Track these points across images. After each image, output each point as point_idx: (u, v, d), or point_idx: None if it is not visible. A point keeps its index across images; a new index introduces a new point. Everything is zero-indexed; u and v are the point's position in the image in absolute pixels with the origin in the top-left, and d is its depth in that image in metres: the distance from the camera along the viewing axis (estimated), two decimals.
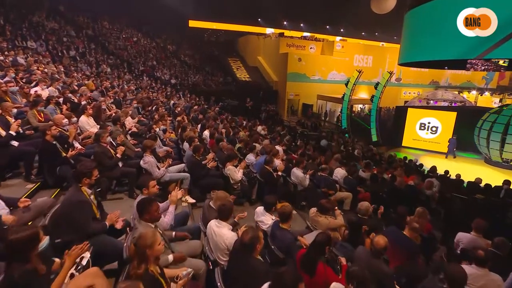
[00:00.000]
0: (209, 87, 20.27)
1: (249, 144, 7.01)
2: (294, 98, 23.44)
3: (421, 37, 12.71)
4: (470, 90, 28.45)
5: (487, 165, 14.63)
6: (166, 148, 5.78)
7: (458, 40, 11.19)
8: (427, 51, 12.22)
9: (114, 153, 4.55)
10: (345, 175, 6.72)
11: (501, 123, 13.58)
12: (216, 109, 13.36)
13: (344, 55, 24.65)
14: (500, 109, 14.17)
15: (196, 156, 5.01)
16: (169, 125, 8.34)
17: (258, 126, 11.60)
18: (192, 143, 5.44)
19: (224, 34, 35.46)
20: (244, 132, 9.34)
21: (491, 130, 13.85)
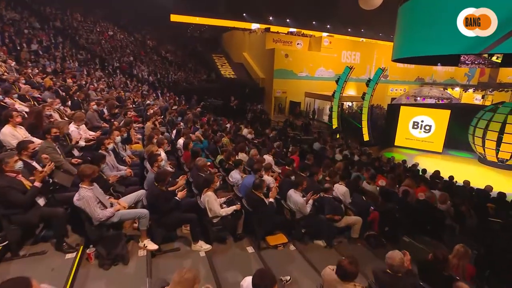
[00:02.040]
0: (192, 84, 18.56)
1: (233, 156, 5.54)
2: (281, 95, 22.06)
3: (418, 32, 11.56)
4: (453, 86, 28.02)
5: (481, 164, 13.80)
6: (122, 172, 4.19)
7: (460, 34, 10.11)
8: (427, 46, 11.07)
9: None
10: (347, 192, 5.38)
11: (497, 122, 12.71)
12: (198, 110, 11.77)
13: (331, 51, 23.42)
14: (496, 107, 13.29)
15: (160, 186, 3.49)
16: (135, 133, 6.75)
17: (244, 129, 10.13)
18: (154, 164, 3.92)
19: (208, 29, 33.59)
20: (227, 138, 7.85)
21: (486, 128, 12.96)
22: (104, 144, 4.06)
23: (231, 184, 4.96)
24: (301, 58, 22.83)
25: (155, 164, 3.93)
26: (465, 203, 6.83)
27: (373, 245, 5.06)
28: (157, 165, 3.94)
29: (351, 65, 15.98)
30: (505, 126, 12.51)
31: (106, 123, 6.81)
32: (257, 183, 4.11)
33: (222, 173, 5.44)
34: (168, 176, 3.56)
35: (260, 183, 4.11)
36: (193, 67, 22.70)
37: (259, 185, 4.09)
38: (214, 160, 6.15)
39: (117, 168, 4.27)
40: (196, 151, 5.24)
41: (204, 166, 4.43)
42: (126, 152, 5.22)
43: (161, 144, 4.98)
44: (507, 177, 12.27)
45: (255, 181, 4.15)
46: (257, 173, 4.80)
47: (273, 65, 21.68)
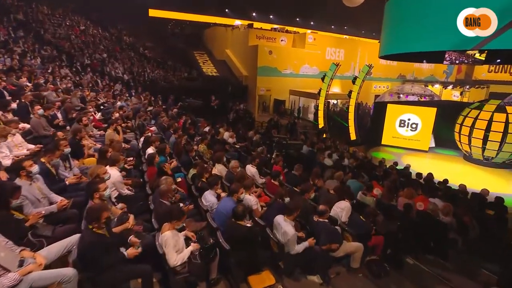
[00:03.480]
0: (171, 83, 17.20)
1: (208, 172, 4.49)
2: (265, 93, 21.05)
3: (408, 27, 10.84)
4: (433, 83, 28.00)
5: (467, 162, 13.45)
6: (50, 207, 3.01)
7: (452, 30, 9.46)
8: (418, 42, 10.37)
9: None
10: (348, 208, 4.48)
11: (483, 120, 12.30)
12: (174, 111, 10.59)
13: (316, 48, 22.59)
14: (481, 104, 12.89)
15: (95, 228, 2.41)
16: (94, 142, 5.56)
17: (225, 132, 9.06)
18: (93, 195, 2.82)
19: (190, 25, 31.99)
20: (204, 144, 6.77)
21: (473, 127, 12.54)
22: (23, 168, 2.89)
23: (205, 209, 3.93)
24: (285, 55, 21.87)
25: (95, 196, 2.82)
26: (468, 213, 6.13)
27: (376, 274, 4.20)
28: (97, 196, 2.84)
29: (336, 62, 15.19)
30: (491, 124, 12.13)
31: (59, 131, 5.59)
32: (239, 212, 3.10)
33: (195, 192, 4.39)
34: (103, 213, 2.45)
35: (242, 212, 3.11)
36: (173, 65, 21.25)
37: (241, 214, 3.09)
38: (187, 175, 5.09)
39: (48, 199, 3.13)
40: (162, 167, 4.16)
41: (168, 191, 3.35)
42: (72, 170, 4.07)
43: (116, 161, 3.87)
44: (493, 175, 11.93)
45: (238, 209, 3.14)
46: (233, 195, 3.79)
47: (256, 62, 20.61)
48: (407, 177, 8.33)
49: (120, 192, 3.84)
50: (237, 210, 3.16)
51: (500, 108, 12.25)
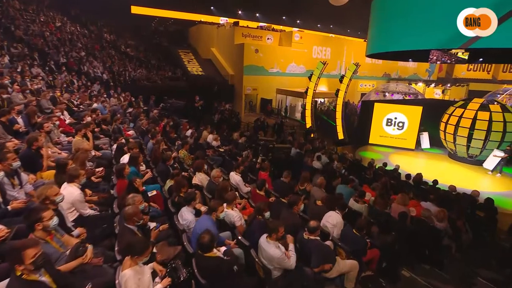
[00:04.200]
0: (154, 83, 16.42)
1: (185, 186, 3.95)
2: (252, 92, 20.54)
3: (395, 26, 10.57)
4: (416, 82, 28.28)
5: (451, 160, 13.41)
6: None
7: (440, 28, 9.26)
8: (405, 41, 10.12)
9: None
10: (341, 223, 4.07)
11: (468, 118, 12.26)
12: (156, 112, 9.93)
13: (302, 46, 22.24)
14: (466, 103, 12.85)
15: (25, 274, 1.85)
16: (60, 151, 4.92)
17: (208, 134, 8.51)
18: (34, 227, 2.24)
19: (174, 23, 31.01)
20: (185, 150, 6.21)
21: (458, 125, 12.49)
22: None
23: (181, 228, 3.41)
24: (272, 53, 21.41)
25: (36, 227, 2.25)
26: (462, 218, 5.87)
27: None
28: (40, 227, 2.26)
29: (324, 61, 14.85)
30: (475, 122, 12.10)
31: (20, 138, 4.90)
32: (205, 243, 2.58)
33: (172, 208, 3.85)
34: (27, 251, 1.84)
35: (210, 242, 2.60)
36: (156, 64, 20.39)
37: (209, 245, 2.58)
38: (163, 187, 4.54)
39: None
40: (132, 182, 3.60)
41: (134, 214, 2.80)
42: (24, 187, 3.44)
43: (74, 176, 3.28)
44: (476, 173, 11.88)
45: (202, 241, 2.61)
46: (212, 213, 3.28)
47: (242, 61, 20.06)
48: (397, 179, 8.05)
49: (81, 213, 3.26)
50: (202, 241, 2.61)
51: (483, 106, 12.25)
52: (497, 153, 10.07)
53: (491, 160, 10.31)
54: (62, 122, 6.18)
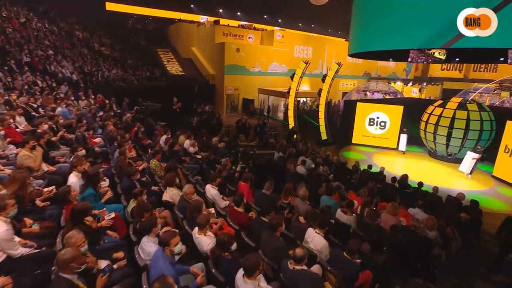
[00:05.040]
0: (130, 83, 15.40)
1: (148, 211, 3.30)
2: (234, 92, 19.88)
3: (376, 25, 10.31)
4: (395, 81, 28.70)
5: (432, 158, 13.43)
6: None
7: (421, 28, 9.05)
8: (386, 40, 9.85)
9: None
10: (326, 247, 3.56)
11: (447, 117, 12.26)
12: (128, 116, 9.10)
13: (284, 45, 21.80)
14: (445, 102, 12.87)
15: None
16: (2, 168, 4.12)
17: (186, 139, 7.83)
18: None
19: (153, 21, 29.72)
20: (156, 160, 5.52)
21: (437, 124, 12.47)
22: None
23: (141, 264, 2.78)
24: (253, 52, 20.81)
25: None
26: (451, 224, 5.58)
27: None
28: None
29: (306, 60, 14.44)
30: (454, 121, 12.11)
31: None
32: None
33: (134, 237, 3.20)
34: None
35: None
36: (133, 63, 19.26)
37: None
38: (126, 207, 3.87)
39: None
40: (81, 209, 2.92)
41: (73, 259, 2.14)
42: None
43: (0, 208, 2.56)
44: (456, 171, 11.90)
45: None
46: (165, 248, 2.65)
47: (223, 60, 19.35)
48: (383, 182, 7.73)
49: (9, 254, 2.55)
50: None
51: (461, 105, 12.29)
52: (473, 156, 10.04)
53: (467, 163, 10.25)
54: (11, 130, 5.31)
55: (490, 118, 11.81)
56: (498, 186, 10.44)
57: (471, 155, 10.09)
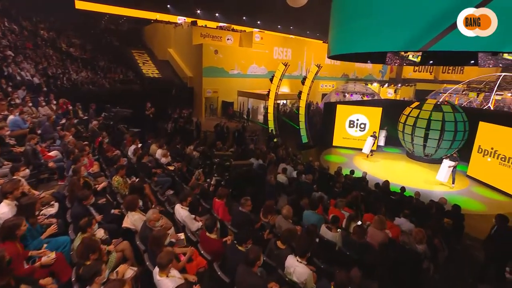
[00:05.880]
0: (101, 87, 14.30)
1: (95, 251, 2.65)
2: (212, 95, 19.17)
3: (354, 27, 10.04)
4: (372, 82, 29.19)
5: (409, 159, 13.50)
6: None
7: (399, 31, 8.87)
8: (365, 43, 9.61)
9: None
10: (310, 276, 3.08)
11: (423, 119, 12.32)
12: (95, 124, 8.22)
13: (263, 47, 21.37)
14: (421, 103, 12.95)
15: None
16: None
17: (158, 149, 7.12)
18: None
19: (127, 21, 28.30)
20: (120, 176, 4.81)
21: (415, 125, 12.51)
22: None
23: None
24: (232, 54, 20.22)
25: None
26: (439, 235, 5.32)
27: None
28: None
29: (285, 62, 14.06)
30: (430, 122, 12.19)
31: None
32: None
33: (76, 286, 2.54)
34: None
35: None
36: (105, 65, 18.03)
37: None
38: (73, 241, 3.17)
39: None
40: None
41: None
42: None
43: None
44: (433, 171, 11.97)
45: None
46: None
47: (201, 62, 18.60)
48: (367, 189, 7.43)
49: None
50: None
51: (437, 107, 12.40)
52: (450, 163, 10.03)
53: (444, 172, 10.22)
54: None
55: (463, 119, 11.98)
56: (473, 186, 10.55)
57: (447, 163, 10.05)
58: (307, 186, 6.27)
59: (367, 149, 12.66)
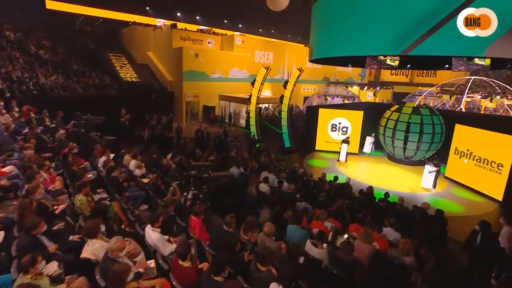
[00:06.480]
0: (73, 92, 13.38)
1: None
2: (193, 100, 18.59)
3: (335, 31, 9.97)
4: (352, 85, 29.66)
5: (391, 162, 13.59)
6: None
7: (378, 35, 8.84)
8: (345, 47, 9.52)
9: None
10: None
11: (403, 121, 12.43)
12: (62, 132, 7.51)
13: (245, 50, 21.07)
14: (400, 107, 13.08)
15: None
16: None
17: (131, 159, 6.57)
18: None
19: (104, 23, 27.13)
20: (83, 195, 4.26)
21: (395, 128, 12.60)
22: None
23: None
24: (213, 58, 19.75)
25: None
26: (425, 244, 5.15)
27: None
28: None
29: (266, 66, 13.80)
30: (409, 125, 12.32)
31: None
32: None
33: None
34: None
35: None
36: (79, 69, 17.00)
37: None
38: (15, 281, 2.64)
39: None
40: None
41: None
42: None
43: None
44: (412, 173, 12.10)
45: None
46: None
47: (182, 66, 18.00)
48: (351, 197, 7.23)
49: None
50: None
51: (415, 110, 12.55)
52: (430, 169, 10.12)
53: (427, 178, 10.31)
54: None
55: (440, 122, 12.19)
56: (451, 187, 10.69)
57: (428, 168, 10.13)
58: (290, 196, 5.96)
59: (343, 156, 12.64)
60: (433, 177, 9.91)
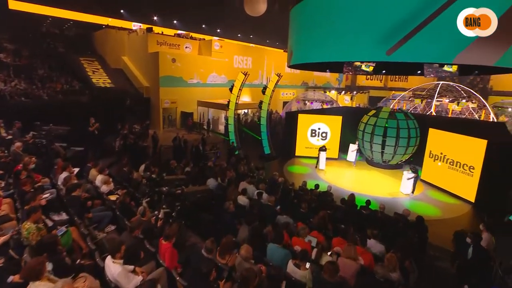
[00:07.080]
0: (37, 99, 12.31)
1: None
2: (171, 106, 17.89)
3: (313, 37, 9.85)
4: (330, 89, 30.12)
5: (369, 166, 13.70)
6: None
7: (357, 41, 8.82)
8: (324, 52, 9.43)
9: None
10: None
11: (380, 126, 12.56)
12: (18, 145, 6.71)
13: (223, 55, 20.68)
14: (377, 111, 13.24)
15: None
16: None
17: (98, 174, 5.93)
18: None
19: (74, 25, 25.67)
20: (32, 222, 3.65)
21: (373, 133, 12.71)
22: None
23: None
24: (191, 63, 19.18)
25: None
26: (408, 256, 4.99)
27: None
28: None
29: (245, 71, 13.48)
30: (386, 130, 12.46)
31: None
32: None
33: None
34: None
35: None
36: (46, 74, 15.79)
37: None
38: None
39: None
40: None
41: None
42: None
43: None
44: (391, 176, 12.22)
45: None
46: None
47: (158, 71, 17.28)
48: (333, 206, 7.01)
49: None
50: None
51: (391, 114, 12.73)
52: (408, 176, 10.24)
53: (406, 184, 10.42)
54: None
55: (415, 126, 12.44)
56: (427, 190, 10.86)
57: (406, 175, 10.23)
58: (270, 209, 5.62)
59: (322, 164, 12.56)
60: (411, 183, 10.01)
